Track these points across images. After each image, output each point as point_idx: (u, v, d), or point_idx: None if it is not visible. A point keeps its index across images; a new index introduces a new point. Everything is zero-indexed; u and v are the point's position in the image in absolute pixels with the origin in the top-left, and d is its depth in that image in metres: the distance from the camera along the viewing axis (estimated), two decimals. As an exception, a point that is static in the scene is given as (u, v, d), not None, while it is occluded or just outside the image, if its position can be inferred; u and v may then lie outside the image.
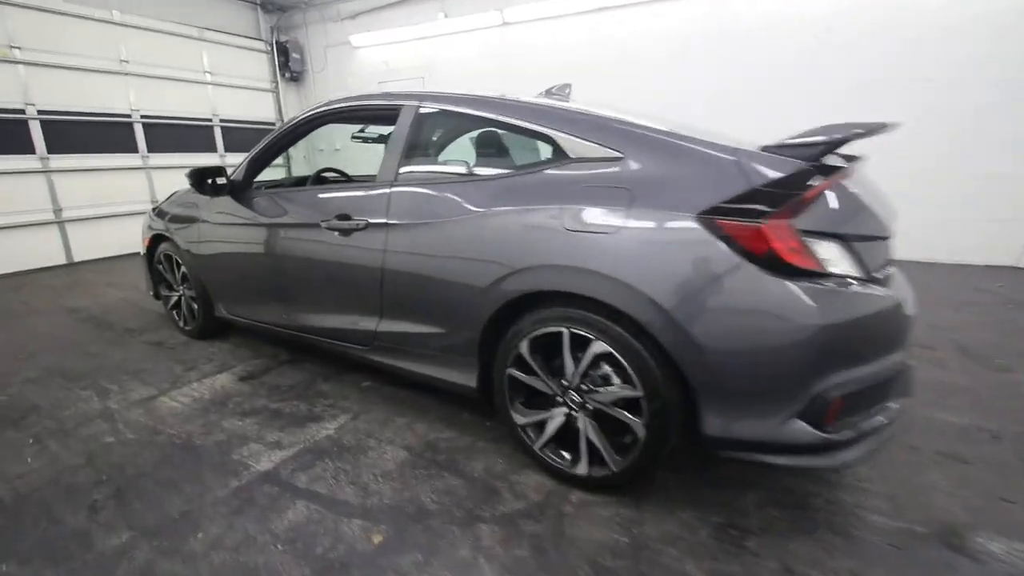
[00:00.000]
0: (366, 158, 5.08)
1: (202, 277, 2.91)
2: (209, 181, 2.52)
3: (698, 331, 1.35)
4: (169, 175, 6.47)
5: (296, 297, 2.43)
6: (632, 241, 1.42)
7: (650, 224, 1.40)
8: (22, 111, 5.12)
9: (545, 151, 2.29)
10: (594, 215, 1.48)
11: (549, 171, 1.65)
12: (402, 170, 1.99)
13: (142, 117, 6.15)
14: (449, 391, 2.01)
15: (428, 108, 2.00)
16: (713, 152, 1.45)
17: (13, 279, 5.07)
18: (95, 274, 5.28)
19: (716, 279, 1.33)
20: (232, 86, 7.21)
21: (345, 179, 3.13)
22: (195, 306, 3.07)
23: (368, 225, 2.00)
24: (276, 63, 7.75)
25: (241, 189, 2.60)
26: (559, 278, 1.54)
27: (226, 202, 2.62)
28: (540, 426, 1.74)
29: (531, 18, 6.07)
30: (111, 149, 5.91)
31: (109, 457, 1.96)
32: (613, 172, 1.53)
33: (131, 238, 5.96)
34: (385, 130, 3.26)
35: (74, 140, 5.54)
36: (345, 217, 2.07)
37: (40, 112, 5.25)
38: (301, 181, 2.98)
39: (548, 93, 2.51)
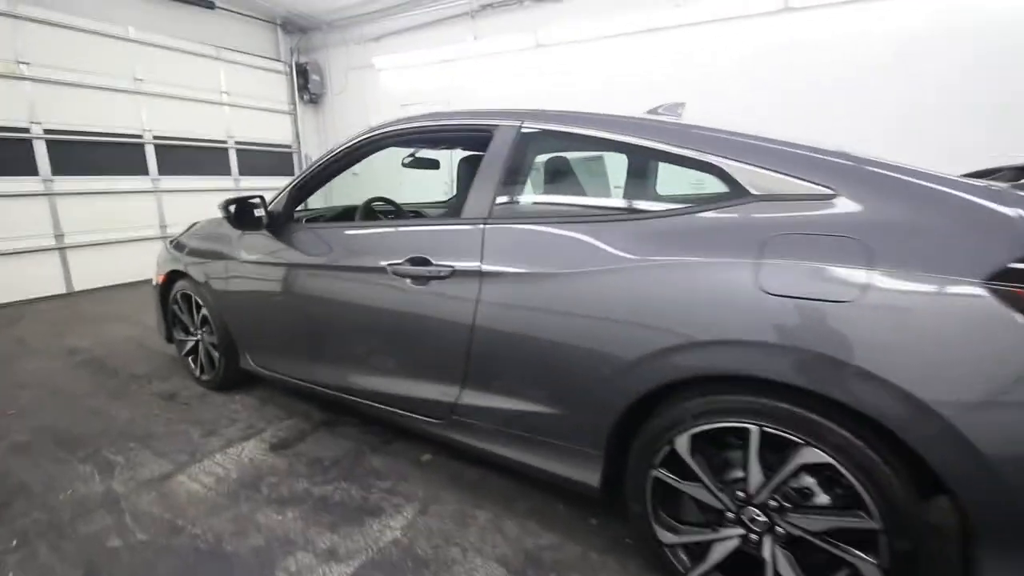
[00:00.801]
0: (394, 185, 4.73)
1: (227, 322, 2.49)
2: (242, 212, 2.11)
3: (989, 444, 0.93)
4: (180, 199, 6.11)
5: (349, 354, 2.01)
6: (881, 313, 1.01)
7: (913, 289, 0.99)
8: (26, 130, 4.76)
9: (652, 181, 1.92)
10: (812, 275, 1.07)
11: (722, 212, 1.24)
12: (500, 201, 1.59)
13: (154, 138, 5.81)
14: (553, 484, 1.58)
15: (534, 127, 1.61)
16: (974, 197, 1.05)
17: (9, 311, 4.63)
18: (96, 305, 4.85)
19: (1020, 369, 0.92)
20: (249, 107, 6.91)
21: (408, 212, 2.73)
22: (215, 354, 2.64)
23: (454, 272, 1.59)
24: (295, 85, 7.47)
25: (280, 222, 2.19)
26: (756, 359, 1.12)
27: (262, 237, 2.22)
28: (699, 549, 1.30)
29: (567, 40, 5.80)
30: (120, 171, 5.55)
31: (114, 572, 1.50)
32: (827, 216, 1.12)
33: (135, 266, 5.58)
34: (440, 155, 2.92)
35: (80, 161, 5.18)
36: (421, 261, 1.66)
37: (46, 131, 4.89)
38: (346, 213, 2.58)
39: (654, 112, 2.14)
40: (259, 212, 2.14)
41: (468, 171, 2.04)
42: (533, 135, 1.62)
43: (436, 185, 6.81)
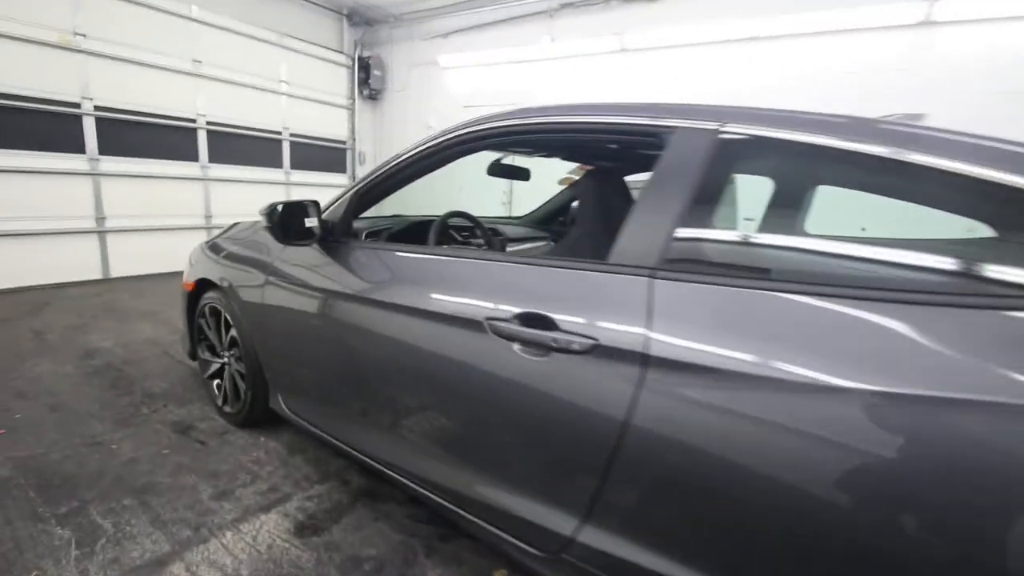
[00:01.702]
0: (450, 193, 4.21)
1: (259, 351, 2.00)
2: (289, 220, 1.61)
3: None
4: (228, 189, 5.82)
5: (414, 428, 1.48)
6: None
7: None
8: (77, 105, 4.50)
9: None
10: None
11: None
12: (680, 238, 1.03)
13: (208, 123, 5.52)
14: None
15: (743, 133, 1.04)
16: None
17: (37, 294, 4.35)
18: (129, 296, 4.53)
19: None
20: (307, 99, 6.60)
21: (489, 231, 2.20)
22: (242, 386, 2.16)
23: (596, 347, 1.03)
24: (355, 79, 7.15)
25: (336, 236, 1.70)
26: None
27: (312, 253, 1.73)
28: None
29: (656, 46, 5.22)
30: (169, 155, 5.27)
31: None
32: None
33: (175, 256, 5.25)
34: (526, 163, 2.38)
35: (129, 142, 4.91)
36: (538, 321, 1.12)
37: (97, 108, 4.63)
38: (416, 229, 2.05)
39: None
40: (311, 222, 1.64)
41: (599, 190, 1.49)
42: (741, 145, 1.05)
43: (495, 196, 6.35)
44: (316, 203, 1.68)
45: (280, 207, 1.60)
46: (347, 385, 1.67)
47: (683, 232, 1.03)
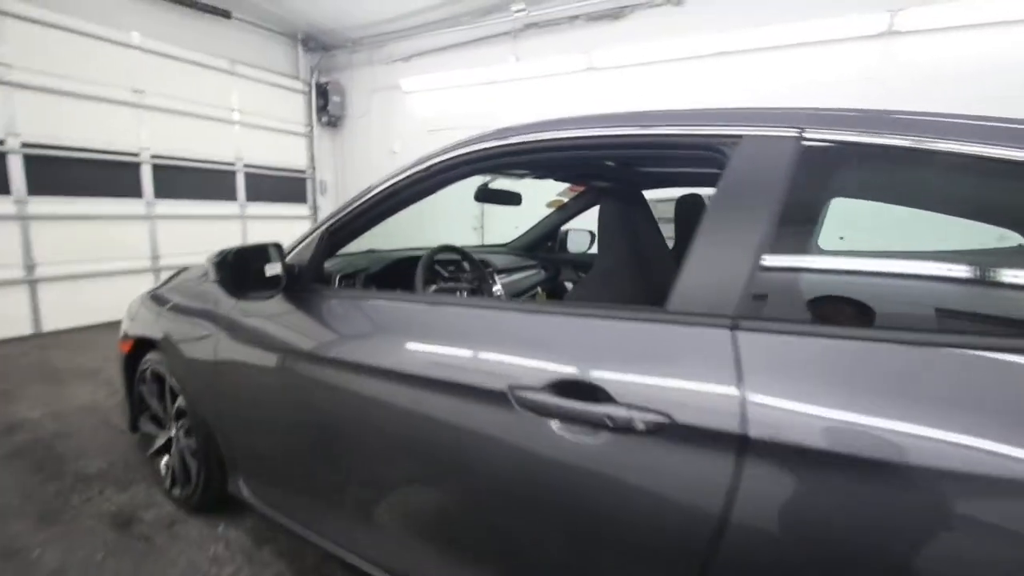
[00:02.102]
0: (422, 220, 3.91)
1: (212, 423, 1.66)
2: (244, 268, 1.31)
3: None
4: (177, 226, 5.37)
5: (411, 521, 1.18)
6: None
7: None
8: (0, 142, 4.04)
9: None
10: None
11: None
12: (769, 263, 0.80)
13: (152, 157, 5.09)
14: None
15: (832, 137, 0.82)
16: None
17: (-47, 357, 3.81)
18: (65, 352, 4.03)
19: None
20: (262, 127, 6.24)
21: (479, 263, 1.93)
22: (193, 465, 1.80)
23: (669, 426, 0.78)
24: (314, 106, 6.84)
25: (304, 283, 1.40)
26: None
27: (277, 305, 1.42)
28: None
29: (625, 63, 5.15)
30: (109, 193, 4.81)
31: None
32: None
33: (119, 303, 4.76)
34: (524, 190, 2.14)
35: (63, 180, 4.44)
36: (583, 390, 0.86)
37: (24, 144, 4.17)
38: (399, 268, 1.76)
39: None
40: (273, 269, 1.34)
41: (621, 214, 1.26)
42: (832, 153, 0.83)
43: (466, 221, 6.10)
44: (278, 245, 1.38)
45: (232, 254, 1.30)
46: (326, 468, 1.36)
47: (776, 262, 0.79)
